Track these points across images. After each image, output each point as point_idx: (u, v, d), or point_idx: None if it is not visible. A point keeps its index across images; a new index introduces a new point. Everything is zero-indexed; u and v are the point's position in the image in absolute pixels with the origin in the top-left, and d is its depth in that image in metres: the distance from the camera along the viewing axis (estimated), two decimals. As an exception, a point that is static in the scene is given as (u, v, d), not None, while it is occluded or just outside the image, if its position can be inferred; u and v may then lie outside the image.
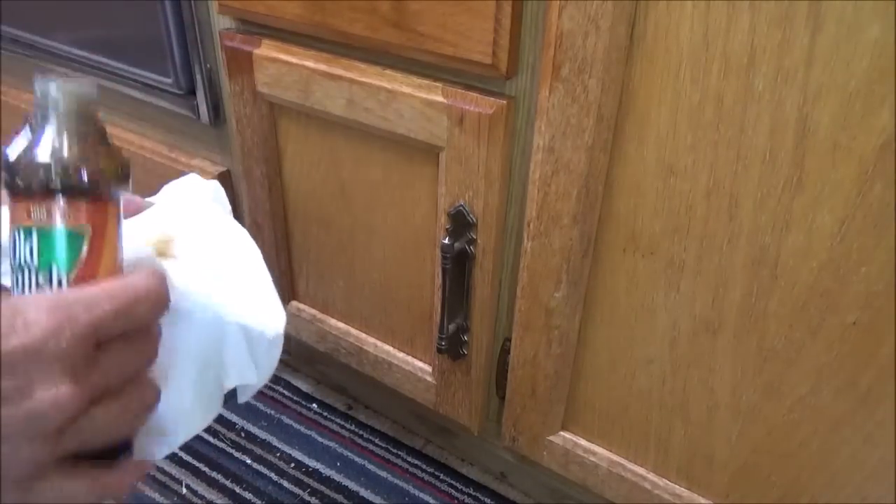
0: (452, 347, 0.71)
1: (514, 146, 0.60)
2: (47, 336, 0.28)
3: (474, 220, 0.63)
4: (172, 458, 0.87)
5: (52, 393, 0.28)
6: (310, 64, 0.65)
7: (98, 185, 0.32)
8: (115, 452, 0.33)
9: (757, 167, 0.48)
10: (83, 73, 0.86)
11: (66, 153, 0.31)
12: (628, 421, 0.66)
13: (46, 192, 0.31)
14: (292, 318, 0.86)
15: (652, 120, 0.51)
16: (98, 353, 0.30)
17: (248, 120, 0.73)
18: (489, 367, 0.73)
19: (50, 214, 0.31)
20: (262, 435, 0.91)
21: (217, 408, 0.39)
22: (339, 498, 0.84)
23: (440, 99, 0.59)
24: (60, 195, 0.31)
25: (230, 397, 0.42)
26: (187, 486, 0.84)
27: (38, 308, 0.28)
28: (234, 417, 0.94)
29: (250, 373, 0.39)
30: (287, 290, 0.85)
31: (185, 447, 0.89)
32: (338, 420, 0.94)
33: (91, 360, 0.29)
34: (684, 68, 0.48)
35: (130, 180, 0.34)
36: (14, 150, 0.32)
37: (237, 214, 0.86)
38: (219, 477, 0.86)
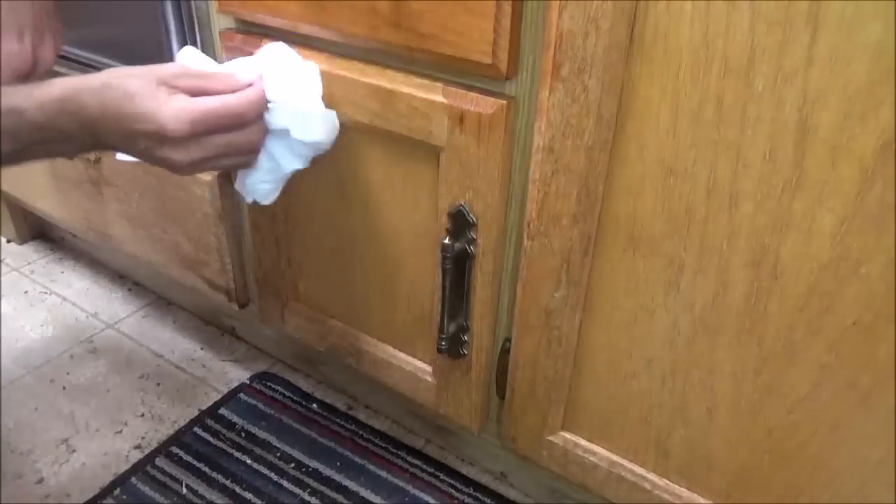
0: (452, 347, 0.71)
1: (514, 146, 0.60)
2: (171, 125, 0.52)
3: (474, 220, 0.63)
4: (172, 458, 0.87)
5: (168, 156, 0.54)
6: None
7: None
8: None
9: (757, 167, 0.48)
10: (83, 72, 0.86)
11: None
12: (628, 421, 0.66)
13: None
14: (292, 317, 0.86)
15: (652, 120, 0.51)
16: (208, 137, 0.55)
17: (248, 120, 0.73)
18: (489, 367, 0.73)
19: None
20: (262, 435, 0.91)
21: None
22: (339, 498, 0.84)
23: (440, 99, 0.59)
24: None
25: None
26: (187, 486, 0.84)
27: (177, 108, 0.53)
28: (234, 417, 0.94)
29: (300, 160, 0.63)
30: (287, 290, 0.85)
31: (185, 447, 0.89)
32: (338, 420, 0.94)
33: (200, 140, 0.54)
34: (684, 68, 0.48)
35: None
36: None
37: (237, 213, 0.86)
38: (219, 477, 0.86)
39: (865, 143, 0.44)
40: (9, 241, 1.31)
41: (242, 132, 0.57)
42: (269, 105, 0.58)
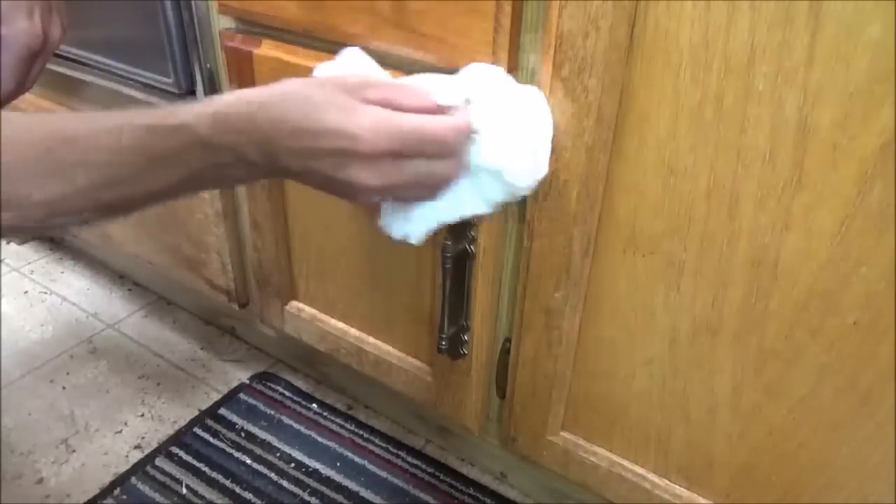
0: (452, 347, 0.71)
1: (514, 146, 0.59)
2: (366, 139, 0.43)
3: (474, 219, 0.63)
4: (172, 458, 0.87)
5: (357, 177, 0.44)
6: (310, 64, 0.65)
7: None
8: None
9: (757, 167, 0.48)
10: (84, 73, 0.86)
11: None
12: (628, 421, 0.66)
13: None
14: (292, 317, 0.86)
15: (652, 120, 0.51)
16: (404, 160, 0.44)
17: (248, 120, 0.73)
18: (489, 367, 0.73)
19: None
20: (262, 435, 0.91)
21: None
22: (339, 498, 0.84)
23: (440, 99, 0.59)
24: None
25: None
26: (187, 486, 0.84)
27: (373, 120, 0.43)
28: (234, 417, 0.94)
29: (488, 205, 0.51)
30: (287, 290, 0.85)
31: (185, 447, 0.89)
32: (338, 420, 0.94)
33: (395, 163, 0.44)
34: (684, 68, 0.48)
35: None
36: None
37: (237, 214, 0.86)
38: (219, 477, 0.86)
39: (865, 143, 0.44)
40: (9, 242, 1.31)
41: (443, 162, 0.47)
42: (475, 137, 0.47)
